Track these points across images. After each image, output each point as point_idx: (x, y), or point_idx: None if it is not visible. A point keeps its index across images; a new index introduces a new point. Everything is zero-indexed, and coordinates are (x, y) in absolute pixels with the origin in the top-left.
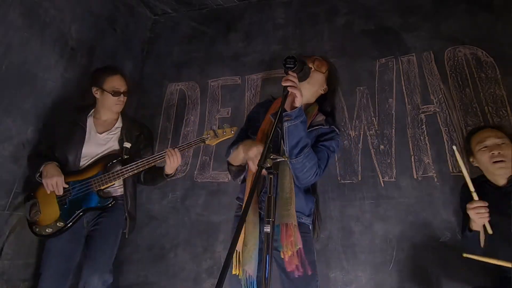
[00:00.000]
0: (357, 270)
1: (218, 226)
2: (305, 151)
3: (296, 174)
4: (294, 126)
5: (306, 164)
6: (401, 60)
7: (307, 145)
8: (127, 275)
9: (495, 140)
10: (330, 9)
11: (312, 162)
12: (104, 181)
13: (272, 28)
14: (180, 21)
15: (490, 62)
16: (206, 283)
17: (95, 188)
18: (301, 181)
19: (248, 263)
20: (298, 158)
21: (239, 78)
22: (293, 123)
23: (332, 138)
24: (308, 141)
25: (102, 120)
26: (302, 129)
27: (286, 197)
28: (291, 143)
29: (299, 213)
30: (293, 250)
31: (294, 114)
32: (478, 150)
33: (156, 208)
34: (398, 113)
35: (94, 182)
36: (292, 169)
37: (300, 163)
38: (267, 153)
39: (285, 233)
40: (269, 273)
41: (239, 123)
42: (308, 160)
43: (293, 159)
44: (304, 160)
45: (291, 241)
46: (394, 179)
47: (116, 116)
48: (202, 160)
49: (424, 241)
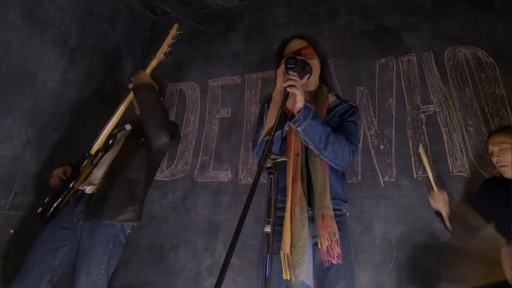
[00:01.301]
0: (357, 270)
1: (218, 226)
2: (330, 140)
3: (334, 162)
4: (309, 126)
5: (338, 150)
6: (401, 60)
7: (329, 134)
8: (127, 275)
9: (495, 148)
10: (330, 9)
11: (342, 144)
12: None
13: (272, 28)
14: (180, 21)
15: (490, 62)
16: (206, 282)
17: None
18: (341, 165)
19: (299, 266)
20: (328, 149)
21: (239, 78)
22: (305, 124)
23: (353, 113)
24: (329, 129)
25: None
26: (318, 123)
27: (320, 188)
28: (314, 141)
29: (338, 200)
30: (332, 239)
31: (301, 117)
32: (490, 155)
33: (156, 208)
34: (398, 113)
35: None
36: (328, 161)
37: (332, 153)
38: (267, 153)
39: (322, 224)
40: (270, 273)
41: (239, 123)
42: (337, 145)
43: (323, 153)
44: (334, 147)
45: (328, 231)
46: (394, 179)
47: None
48: (202, 160)
49: (424, 241)
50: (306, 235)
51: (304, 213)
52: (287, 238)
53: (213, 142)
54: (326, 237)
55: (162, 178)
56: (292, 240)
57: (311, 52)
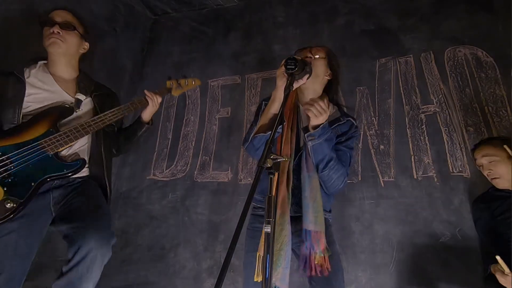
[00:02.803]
0: (357, 270)
1: (218, 226)
2: (330, 165)
3: (325, 185)
4: (319, 145)
5: (333, 176)
6: (399, 61)
7: (331, 159)
8: (127, 275)
9: (483, 160)
10: (330, 9)
11: (339, 173)
12: (62, 141)
13: (272, 28)
14: (180, 21)
15: (490, 62)
16: (206, 283)
17: (50, 150)
18: (330, 190)
19: (274, 270)
20: (324, 172)
21: (239, 78)
22: (317, 142)
23: (352, 136)
24: (333, 155)
25: (57, 77)
26: (326, 146)
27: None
28: (316, 159)
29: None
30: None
31: (316, 134)
32: (479, 167)
33: (156, 208)
34: (398, 113)
35: (47, 143)
36: (321, 181)
37: (326, 176)
38: (267, 153)
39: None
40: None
41: (239, 123)
42: (335, 172)
43: (320, 173)
44: (331, 173)
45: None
46: (394, 179)
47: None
48: (202, 160)
49: (424, 241)
50: (284, 239)
51: (285, 217)
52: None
53: (213, 142)
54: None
55: (162, 178)
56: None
57: (321, 56)
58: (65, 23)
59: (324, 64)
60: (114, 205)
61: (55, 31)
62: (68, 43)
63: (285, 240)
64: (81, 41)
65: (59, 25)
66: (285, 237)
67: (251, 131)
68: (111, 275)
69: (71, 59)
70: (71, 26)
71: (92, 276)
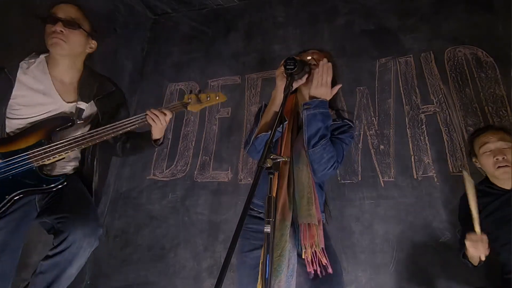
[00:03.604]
0: (357, 270)
1: (218, 226)
2: (322, 142)
3: (313, 166)
4: (313, 115)
5: (324, 156)
6: (399, 61)
7: (325, 136)
8: (127, 275)
9: (498, 144)
10: (330, 9)
11: (330, 155)
12: (50, 154)
13: (272, 28)
14: (180, 21)
15: (490, 62)
16: (206, 282)
17: (35, 163)
18: (318, 174)
19: (275, 277)
20: (315, 148)
21: (239, 78)
22: (312, 111)
23: (345, 131)
24: (327, 133)
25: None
26: (321, 120)
27: (307, 197)
28: (310, 132)
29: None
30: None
31: (313, 104)
32: (482, 154)
33: (156, 208)
34: (398, 113)
35: (34, 155)
36: (310, 162)
37: (317, 154)
38: (267, 153)
39: (307, 233)
40: (270, 274)
41: (239, 123)
42: (326, 152)
43: (310, 149)
44: (322, 151)
45: (313, 241)
46: (394, 179)
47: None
48: (202, 160)
49: (424, 241)
50: (285, 244)
51: (286, 222)
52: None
53: (213, 142)
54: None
55: (162, 178)
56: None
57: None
58: (69, 21)
59: None
60: (114, 205)
61: (58, 30)
62: (72, 44)
63: (285, 246)
64: (87, 40)
65: (62, 22)
66: (286, 243)
67: (252, 134)
68: (111, 275)
69: (75, 60)
70: (75, 24)
71: (77, 262)
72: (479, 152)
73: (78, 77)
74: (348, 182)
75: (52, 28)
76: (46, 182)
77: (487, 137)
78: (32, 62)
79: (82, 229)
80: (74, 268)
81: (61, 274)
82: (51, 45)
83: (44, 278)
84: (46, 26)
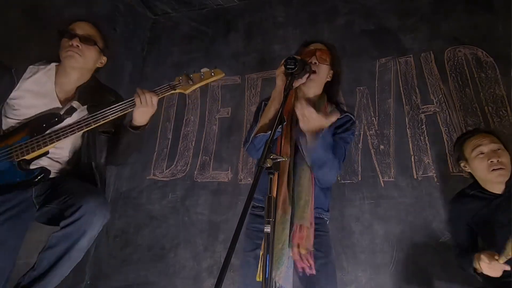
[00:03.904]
0: (357, 270)
1: (218, 226)
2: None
3: (317, 177)
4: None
5: (326, 172)
6: (399, 61)
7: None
8: (127, 275)
9: (491, 146)
10: (330, 9)
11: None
12: (30, 147)
13: (272, 28)
14: (180, 21)
15: (490, 62)
16: (206, 282)
17: (15, 157)
18: (322, 184)
19: (276, 269)
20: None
21: (239, 78)
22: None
23: (348, 129)
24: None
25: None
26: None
27: (305, 199)
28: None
29: (320, 210)
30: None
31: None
32: (475, 157)
33: (156, 208)
34: (398, 113)
35: (16, 150)
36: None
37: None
38: (267, 153)
39: (298, 233)
40: (269, 273)
41: (239, 123)
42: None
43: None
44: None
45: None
46: (394, 179)
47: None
48: (202, 160)
49: (424, 241)
50: (286, 238)
51: (286, 217)
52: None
53: (213, 142)
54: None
55: (162, 178)
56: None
57: (325, 58)
58: (86, 37)
59: (327, 68)
60: (114, 205)
61: (75, 44)
62: (86, 58)
63: (287, 239)
64: (99, 56)
65: (80, 38)
66: (286, 237)
67: (251, 132)
68: (111, 275)
69: (84, 73)
70: (91, 41)
71: (90, 233)
72: (470, 156)
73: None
74: (348, 182)
75: (69, 42)
76: (20, 176)
77: (479, 139)
78: (41, 68)
79: (95, 200)
80: (86, 240)
81: (72, 247)
82: (65, 57)
83: (53, 252)
84: (63, 39)
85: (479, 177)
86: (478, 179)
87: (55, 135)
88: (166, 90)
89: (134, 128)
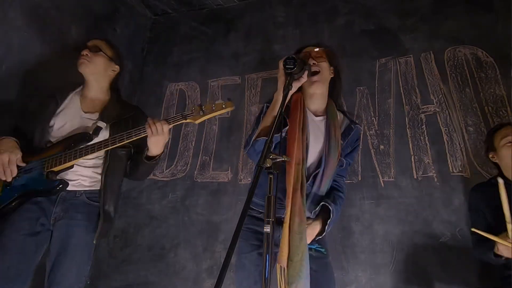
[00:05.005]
0: (357, 270)
1: (218, 226)
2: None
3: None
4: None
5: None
6: (399, 61)
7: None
8: (127, 275)
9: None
10: (330, 9)
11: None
12: (58, 161)
13: (272, 28)
14: (180, 21)
15: (490, 62)
16: (206, 283)
17: (45, 168)
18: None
19: (296, 281)
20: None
21: (239, 78)
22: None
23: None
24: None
25: (89, 99)
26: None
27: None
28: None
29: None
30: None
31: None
32: (503, 146)
33: (156, 208)
34: (398, 113)
35: (47, 162)
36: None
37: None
38: (267, 153)
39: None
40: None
41: (239, 123)
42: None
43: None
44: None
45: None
46: (394, 179)
47: (104, 95)
48: (202, 160)
49: (424, 241)
50: (304, 248)
51: (303, 225)
52: (285, 251)
53: (213, 142)
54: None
55: (162, 178)
56: (290, 253)
57: (322, 55)
58: (93, 46)
59: (327, 66)
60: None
61: (84, 53)
62: (94, 63)
63: (305, 250)
64: (109, 63)
65: (88, 48)
66: (305, 247)
67: (252, 135)
68: (111, 275)
69: (99, 78)
70: (98, 49)
71: None
72: (499, 145)
73: (104, 98)
74: (348, 182)
75: (81, 53)
76: (44, 185)
77: (508, 129)
78: (78, 92)
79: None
80: None
81: None
82: (79, 65)
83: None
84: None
85: (504, 166)
86: (503, 168)
87: (79, 152)
88: (177, 120)
89: (149, 159)
